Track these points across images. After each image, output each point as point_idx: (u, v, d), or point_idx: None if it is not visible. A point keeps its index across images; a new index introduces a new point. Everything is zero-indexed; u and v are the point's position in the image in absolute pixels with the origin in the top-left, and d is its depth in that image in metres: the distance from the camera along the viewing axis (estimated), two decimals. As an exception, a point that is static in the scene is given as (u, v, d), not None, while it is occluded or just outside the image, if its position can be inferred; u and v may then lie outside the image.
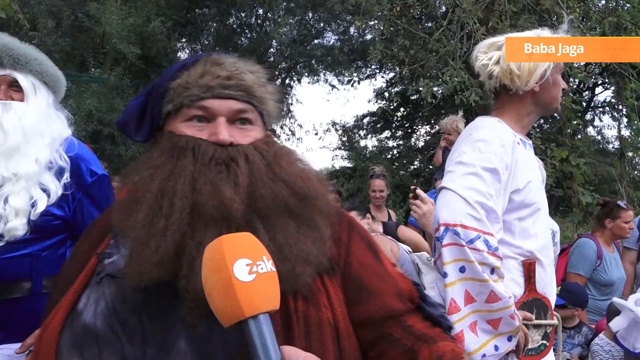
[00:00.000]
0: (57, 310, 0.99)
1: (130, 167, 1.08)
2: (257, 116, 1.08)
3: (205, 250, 0.82)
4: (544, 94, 2.05)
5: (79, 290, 1.00)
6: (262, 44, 17.80)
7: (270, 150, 1.05)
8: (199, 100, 1.02)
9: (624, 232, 4.43)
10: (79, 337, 0.93)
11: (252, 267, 0.78)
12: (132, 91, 14.43)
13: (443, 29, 7.73)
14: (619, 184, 7.17)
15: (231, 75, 1.04)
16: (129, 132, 1.14)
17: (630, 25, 7.18)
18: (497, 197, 1.86)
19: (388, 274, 1.10)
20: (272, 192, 0.97)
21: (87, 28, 13.99)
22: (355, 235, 1.13)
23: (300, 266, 0.95)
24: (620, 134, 7.83)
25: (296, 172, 1.05)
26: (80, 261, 1.08)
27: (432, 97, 7.83)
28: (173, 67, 1.08)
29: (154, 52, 15.03)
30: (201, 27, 17.79)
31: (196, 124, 1.03)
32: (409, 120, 19.89)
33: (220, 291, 0.76)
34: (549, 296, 2.05)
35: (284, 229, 0.96)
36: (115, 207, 1.05)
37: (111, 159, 13.54)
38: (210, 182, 0.94)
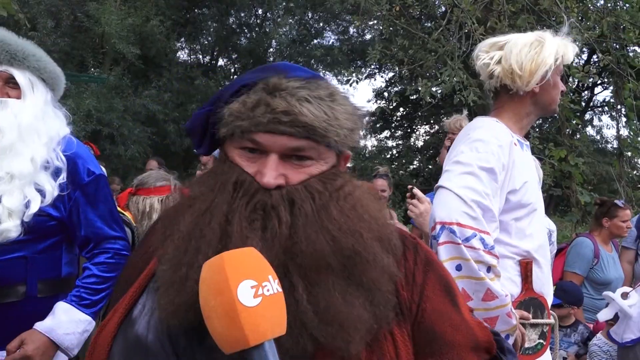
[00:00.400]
0: (114, 312, 0.97)
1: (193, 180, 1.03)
2: (320, 149, 0.94)
3: (204, 268, 0.75)
4: (543, 95, 2.05)
5: (136, 294, 0.97)
6: (261, 44, 17.80)
7: (325, 191, 0.92)
8: (249, 132, 0.91)
9: (621, 231, 4.43)
10: (130, 347, 0.91)
11: (257, 289, 0.70)
12: (131, 91, 14.42)
13: (442, 29, 7.74)
14: (618, 183, 7.19)
15: (288, 110, 0.89)
16: (194, 143, 1.06)
17: (629, 25, 7.20)
18: (493, 197, 1.86)
19: (465, 323, 0.99)
20: (314, 249, 0.85)
21: (86, 28, 13.99)
22: (431, 276, 1.01)
23: (344, 333, 0.84)
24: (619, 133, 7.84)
25: (349, 224, 0.90)
26: (144, 258, 1.05)
27: (431, 97, 7.84)
28: (235, 82, 0.97)
29: (154, 52, 15.02)
30: (200, 27, 17.78)
31: (248, 154, 0.93)
32: (408, 120, 19.92)
33: (221, 316, 0.69)
34: (545, 295, 2.06)
35: (327, 290, 0.85)
36: (167, 215, 1.01)
37: (110, 159, 13.53)
38: (241, 232, 0.85)
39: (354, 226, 0.91)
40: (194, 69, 16.68)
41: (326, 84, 0.96)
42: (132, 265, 1.07)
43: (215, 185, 0.92)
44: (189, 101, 15.34)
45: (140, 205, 2.68)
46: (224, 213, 0.87)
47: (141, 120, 14.27)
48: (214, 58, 19.26)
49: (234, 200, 0.88)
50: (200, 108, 1.02)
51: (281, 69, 0.96)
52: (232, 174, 0.92)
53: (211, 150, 1.05)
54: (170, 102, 15.00)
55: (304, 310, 0.83)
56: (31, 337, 1.76)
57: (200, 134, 1.03)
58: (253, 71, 0.99)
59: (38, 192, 1.79)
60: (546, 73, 2.00)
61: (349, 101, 0.98)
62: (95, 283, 1.92)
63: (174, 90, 15.39)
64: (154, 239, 1.08)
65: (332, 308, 0.84)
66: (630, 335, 2.92)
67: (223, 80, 17.90)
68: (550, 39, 2.06)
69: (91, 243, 1.96)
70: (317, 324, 0.83)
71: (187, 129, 1.06)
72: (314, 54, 16.86)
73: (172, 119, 14.84)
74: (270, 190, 0.88)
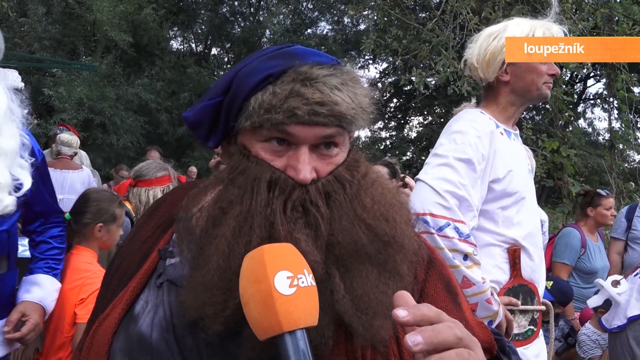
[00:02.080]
0: (113, 306, 0.94)
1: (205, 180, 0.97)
2: (345, 135, 0.93)
3: (245, 259, 0.77)
4: (517, 82, 2.04)
5: (137, 289, 0.94)
6: (255, 33, 17.70)
7: (354, 180, 0.91)
8: (282, 125, 0.87)
9: (605, 219, 4.50)
10: (132, 345, 0.88)
11: (293, 280, 0.73)
12: (123, 79, 14.32)
13: (436, 19, 7.72)
14: (609, 175, 7.23)
15: (324, 100, 0.87)
16: (199, 136, 1.00)
17: (622, 17, 7.22)
18: (472, 187, 1.89)
19: (465, 321, 0.97)
20: (351, 238, 0.85)
21: (77, 15, 13.85)
22: (432, 274, 1.01)
23: (379, 320, 0.84)
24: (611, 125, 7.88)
25: (381, 210, 0.90)
26: (142, 250, 1.02)
27: (424, 88, 7.84)
28: (255, 74, 0.91)
29: (146, 40, 14.91)
30: (194, 15, 17.65)
31: (275, 146, 0.89)
32: (401, 111, 19.93)
33: (258, 303, 0.73)
34: (536, 282, 2.08)
35: (363, 278, 0.85)
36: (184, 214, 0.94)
37: (102, 148, 13.48)
38: (288, 233, 0.83)
39: (387, 212, 0.91)
40: (187, 58, 16.58)
41: (348, 69, 0.94)
42: (129, 257, 1.04)
43: (247, 185, 0.87)
44: (181, 90, 15.26)
45: (143, 197, 2.66)
46: (265, 216, 0.84)
47: (133, 109, 14.20)
48: (207, 47, 19.14)
49: (272, 201, 0.85)
50: (207, 98, 0.97)
51: (301, 55, 0.92)
52: (262, 171, 0.87)
53: (222, 142, 1.00)
54: (162, 91, 14.92)
55: (340, 299, 0.83)
56: (31, 308, 1.97)
57: (209, 126, 0.97)
58: (268, 58, 0.93)
59: (23, 169, 1.85)
60: (504, 61, 2.01)
61: (364, 84, 0.96)
62: (57, 254, 2.16)
63: (166, 79, 15.30)
64: (158, 216, 1.07)
65: (367, 296, 0.84)
66: (617, 322, 2.98)
67: (216, 69, 17.81)
68: (515, 25, 2.05)
69: (43, 218, 2.12)
70: (354, 313, 0.83)
71: (189, 121, 0.99)
72: (309, 43, 16.79)
73: (165, 107, 14.77)
74: (307, 185, 0.87)
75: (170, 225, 1.02)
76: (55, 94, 12.50)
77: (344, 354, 0.86)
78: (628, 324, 2.90)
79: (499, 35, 2.04)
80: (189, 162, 13.44)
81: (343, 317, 0.83)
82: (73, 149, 5.52)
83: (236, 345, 0.83)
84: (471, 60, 2.10)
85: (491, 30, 2.08)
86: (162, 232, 1.02)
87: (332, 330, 0.83)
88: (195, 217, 0.90)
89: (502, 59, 2.01)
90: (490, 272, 1.93)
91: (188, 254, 0.88)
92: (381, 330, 0.84)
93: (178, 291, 0.90)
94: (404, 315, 0.66)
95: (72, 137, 5.62)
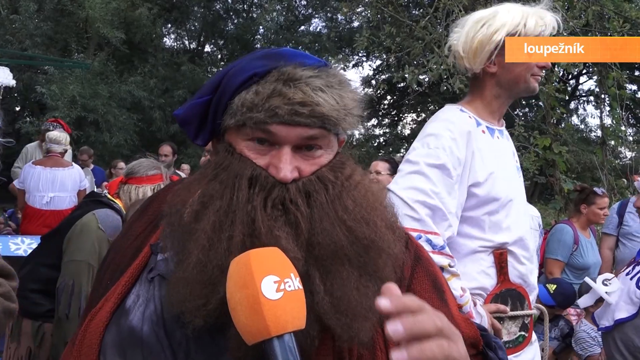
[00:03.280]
0: (106, 300, 0.95)
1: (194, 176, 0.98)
2: (330, 137, 0.93)
3: (232, 264, 0.78)
4: (504, 74, 1.91)
5: (129, 284, 0.95)
6: (248, 30, 17.66)
7: (337, 181, 0.91)
8: (263, 124, 0.88)
9: (598, 217, 4.52)
10: (124, 338, 0.89)
11: (279, 284, 0.75)
12: (116, 77, 14.25)
13: (429, 17, 7.74)
14: (600, 172, 7.27)
15: (305, 101, 0.87)
16: (189, 133, 1.01)
17: (613, 14, 7.26)
18: (447, 194, 1.78)
19: (452, 318, 0.97)
20: (331, 239, 0.86)
21: (69, 12, 13.76)
22: (419, 271, 1.01)
23: (358, 322, 0.85)
24: (602, 122, 7.92)
25: (362, 213, 0.90)
26: (134, 245, 1.03)
27: (418, 85, 7.85)
28: (242, 70, 0.92)
29: (139, 37, 14.83)
30: (187, 12, 17.57)
31: (257, 146, 0.90)
32: (395, 108, 19.96)
33: (246, 308, 0.74)
34: (526, 287, 1.96)
35: (342, 280, 0.86)
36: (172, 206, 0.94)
37: (95, 146, 13.40)
38: (268, 230, 0.83)
39: (368, 215, 0.91)
40: (180, 55, 16.52)
41: (334, 71, 0.94)
42: (122, 252, 1.05)
43: (228, 181, 0.88)
44: (175, 87, 15.20)
45: (133, 194, 2.66)
46: (247, 212, 0.85)
47: (127, 106, 14.13)
48: (201, 44, 19.07)
49: (252, 197, 0.86)
50: (197, 97, 0.98)
51: (288, 56, 0.93)
52: (244, 168, 0.88)
53: (209, 140, 1.00)
54: (156, 89, 14.85)
55: (319, 301, 0.83)
56: None
57: (197, 124, 0.99)
58: (256, 58, 0.95)
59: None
60: (492, 52, 1.88)
61: (353, 87, 0.97)
62: None
63: (159, 77, 15.23)
64: (151, 212, 1.07)
65: (347, 298, 0.85)
66: (605, 322, 2.93)
67: (210, 66, 17.75)
68: (505, 11, 1.92)
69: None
70: (334, 314, 0.83)
71: (179, 118, 1.00)
72: (302, 40, 16.78)
73: (158, 105, 14.71)
74: (287, 184, 0.87)
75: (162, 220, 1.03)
76: (47, 92, 12.42)
77: (330, 353, 0.87)
78: (615, 326, 2.86)
79: (487, 22, 1.90)
80: (183, 160, 13.41)
81: (323, 319, 0.84)
82: (63, 146, 5.49)
83: (225, 338, 0.83)
84: (456, 48, 1.95)
85: (480, 16, 1.94)
86: (155, 227, 1.03)
87: (317, 330, 0.84)
88: (180, 213, 0.91)
89: (491, 49, 1.88)
90: (475, 278, 1.84)
91: (172, 249, 0.90)
92: (360, 332, 0.85)
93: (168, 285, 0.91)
94: (385, 304, 0.68)
95: (62, 134, 5.59)
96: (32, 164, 5.34)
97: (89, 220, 2.55)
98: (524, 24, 1.89)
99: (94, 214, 2.57)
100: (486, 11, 1.96)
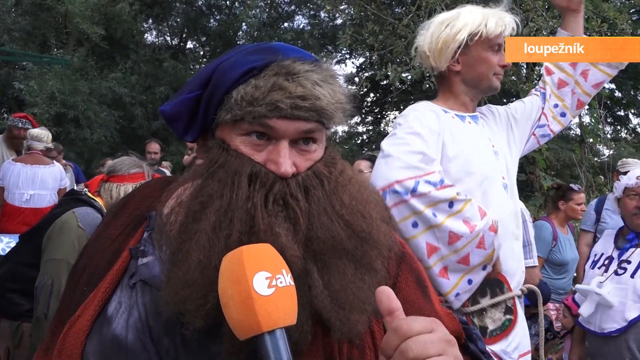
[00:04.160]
0: (85, 308, 0.91)
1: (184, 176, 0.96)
2: (323, 132, 0.94)
3: (224, 260, 0.78)
4: (468, 72, 1.99)
5: (109, 290, 0.92)
6: (231, 27, 17.53)
7: (332, 176, 0.92)
8: (263, 118, 0.87)
9: (576, 213, 4.64)
10: (107, 348, 0.86)
11: (271, 280, 0.75)
12: (96, 73, 14.05)
13: (412, 15, 7.77)
14: (579, 169, 7.41)
15: (306, 95, 0.88)
16: (177, 130, 0.99)
17: (592, 14, 7.37)
18: (429, 149, 1.84)
19: (435, 313, 1.00)
20: (330, 234, 0.86)
21: (48, 6, 13.51)
22: (404, 268, 1.03)
23: (355, 315, 0.86)
24: (581, 120, 8.06)
25: (358, 207, 0.92)
26: (111, 249, 0.99)
27: (400, 83, 7.89)
28: (237, 68, 0.91)
29: (120, 33, 14.63)
30: (169, 8, 17.38)
31: (255, 140, 0.89)
32: (378, 105, 20.01)
33: (238, 303, 0.74)
34: (505, 272, 1.96)
35: (340, 273, 0.86)
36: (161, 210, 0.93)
37: (75, 143, 13.21)
38: (268, 227, 0.83)
39: (364, 208, 0.92)
40: (162, 52, 16.34)
41: (327, 66, 0.95)
42: (98, 255, 1.00)
43: (227, 179, 0.87)
44: (157, 84, 15.04)
45: (114, 192, 2.63)
46: (246, 210, 0.84)
47: (107, 103, 13.94)
48: (183, 40, 18.89)
49: (253, 195, 0.85)
50: (185, 92, 0.96)
51: (283, 50, 0.93)
52: (243, 165, 0.88)
53: (199, 137, 0.99)
54: (137, 85, 14.68)
55: (318, 295, 0.84)
56: None
57: (186, 120, 0.97)
58: (249, 52, 0.94)
59: None
60: (455, 51, 1.97)
61: (341, 82, 0.98)
62: None
63: (141, 73, 15.05)
64: (126, 214, 1.03)
65: (344, 291, 0.86)
66: (614, 325, 2.79)
67: (192, 63, 17.60)
68: (467, 13, 2.00)
69: None
70: (332, 308, 0.84)
71: (167, 114, 0.98)
72: (285, 37, 16.71)
73: (140, 102, 14.54)
74: (287, 179, 0.87)
75: (141, 223, 1.00)
76: (26, 88, 12.19)
77: (321, 349, 0.87)
78: (628, 327, 2.74)
79: (451, 23, 1.98)
80: (165, 157, 13.28)
81: (321, 312, 0.84)
82: (44, 144, 5.41)
83: (214, 343, 0.83)
84: (422, 49, 2.04)
85: (443, 18, 2.03)
86: (132, 230, 1.00)
87: (310, 326, 0.84)
88: (174, 213, 0.89)
89: (454, 48, 1.97)
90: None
91: (167, 250, 0.87)
92: (358, 324, 0.86)
93: (152, 291, 0.89)
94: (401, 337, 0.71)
95: (43, 131, 5.52)
96: (13, 160, 5.27)
97: (69, 219, 2.52)
98: (485, 24, 1.97)
99: (73, 212, 2.54)
100: (449, 13, 2.05)
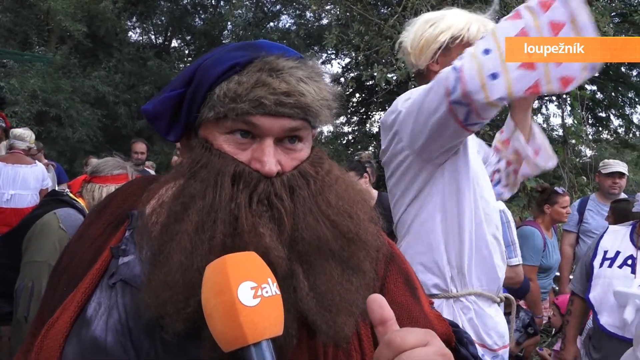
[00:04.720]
0: (64, 309, 0.89)
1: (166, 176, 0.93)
2: (309, 130, 0.92)
3: (207, 269, 0.75)
4: None
5: (89, 290, 0.89)
6: (216, 26, 17.43)
7: (318, 176, 0.90)
8: (247, 115, 0.85)
9: (561, 216, 4.66)
10: (86, 350, 0.84)
11: (257, 290, 0.72)
12: (79, 71, 13.87)
13: (397, 16, 7.80)
14: (562, 170, 7.49)
15: (290, 91, 0.86)
16: (159, 129, 0.96)
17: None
18: None
19: (424, 315, 0.99)
20: (315, 235, 0.84)
21: (30, 3, 13.31)
22: (392, 269, 1.01)
23: (342, 317, 0.84)
24: (564, 121, 8.17)
25: (345, 207, 0.90)
26: (92, 248, 0.96)
27: (386, 83, 7.91)
28: (220, 64, 0.89)
29: (103, 31, 14.46)
30: (153, 6, 17.22)
31: (238, 139, 0.87)
32: (364, 106, 20.05)
33: (222, 315, 0.71)
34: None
35: (326, 275, 0.84)
36: (142, 208, 0.91)
37: (57, 142, 13.03)
38: (252, 227, 0.81)
39: (351, 209, 0.90)
40: (147, 50, 16.18)
41: (313, 63, 0.94)
42: (78, 256, 0.97)
43: (210, 179, 0.85)
44: (141, 83, 14.89)
45: (96, 193, 2.60)
46: (230, 211, 0.82)
47: (90, 101, 13.77)
48: (167, 39, 18.74)
49: (236, 195, 0.83)
50: (167, 90, 0.94)
51: (267, 47, 0.92)
52: (226, 165, 0.85)
53: (182, 136, 0.96)
54: (121, 84, 14.52)
55: (303, 297, 0.82)
56: None
57: (169, 119, 0.94)
58: (233, 49, 0.92)
59: None
60: (436, 51, 1.99)
61: (327, 79, 0.96)
62: None
63: (125, 72, 14.89)
64: (108, 214, 1.01)
65: (331, 293, 0.84)
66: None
67: (177, 62, 17.46)
68: (452, 15, 2.01)
69: None
70: (318, 311, 0.82)
71: (149, 113, 0.95)
72: (270, 37, 16.65)
73: (124, 100, 14.38)
74: (272, 178, 0.85)
75: (122, 222, 0.98)
76: (6, 86, 12.00)
77: (306, 352, 0.85)
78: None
79: (435, 24, 2.00)
80: (149, 157, 13.16)
81: (307, 315, 0.82)
82: (27, 143, 5.34)
83: (194, 346, 0.81)
84: (405, 45, 2.07)
85: (428, 17, 2.05)
86: (114, 229, 0.98)
87: (296, 329, 0.82)
88: (156, 213, 0.87)
89: (435, 48, 1.99)
90: (425, 284, 1.84)
91: (147, 251, 0.85)
92: (344, 327, 0.84)
93: (133, 291, 0.86)
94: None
95: (26, 130, 5.46)
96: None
97: (50, 220, 2.48)
98: (468, 29, 1.97)
99: (55, 213, 2.50)
100: (436, 13, 2.06)
